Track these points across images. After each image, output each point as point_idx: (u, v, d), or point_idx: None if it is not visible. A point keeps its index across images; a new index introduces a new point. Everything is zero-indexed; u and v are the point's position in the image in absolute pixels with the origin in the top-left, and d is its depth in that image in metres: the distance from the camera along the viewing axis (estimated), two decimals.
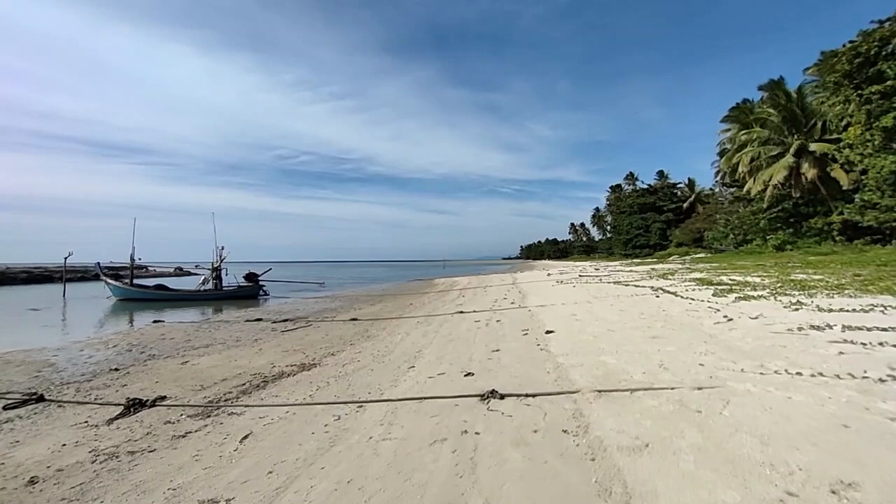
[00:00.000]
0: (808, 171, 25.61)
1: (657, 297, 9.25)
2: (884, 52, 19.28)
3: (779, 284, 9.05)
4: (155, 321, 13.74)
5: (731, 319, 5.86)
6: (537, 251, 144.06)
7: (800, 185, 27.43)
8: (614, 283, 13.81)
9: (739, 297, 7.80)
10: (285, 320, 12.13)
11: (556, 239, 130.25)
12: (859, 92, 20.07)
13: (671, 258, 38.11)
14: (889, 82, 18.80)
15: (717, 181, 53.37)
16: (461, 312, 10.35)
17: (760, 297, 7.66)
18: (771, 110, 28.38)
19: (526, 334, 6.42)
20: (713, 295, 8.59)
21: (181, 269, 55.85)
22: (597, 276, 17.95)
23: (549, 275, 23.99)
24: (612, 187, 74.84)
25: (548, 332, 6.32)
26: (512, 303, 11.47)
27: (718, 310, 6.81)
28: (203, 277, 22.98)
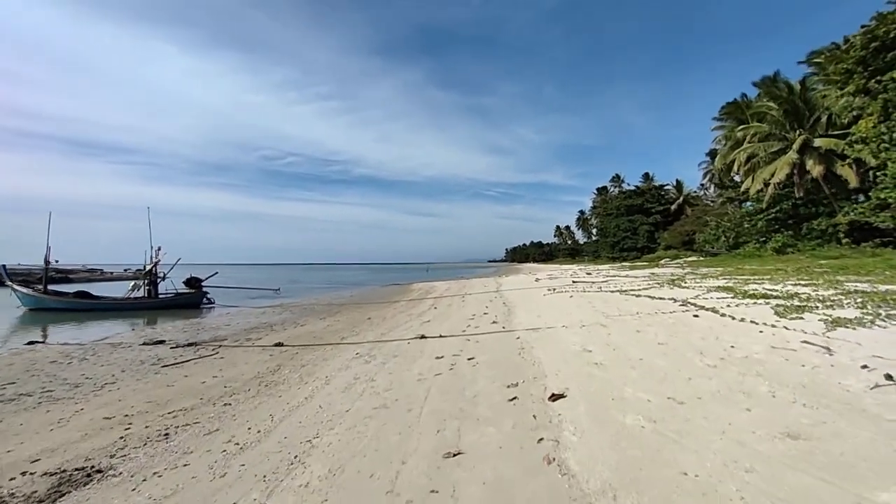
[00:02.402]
0: (814, 169, 23.66)
1: (695, 316, 6.58)
2: None
3: (859, 300, 6.48)
4: (30, 342, 10.53)
5: (891, 379, 3.17)
6: (522, 254, 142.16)
7: (802, 184, 25.55)
8: (619, 292, 11.16)
9: (830, 321, 5.17)
10: (191, 344, 9.03)
11: (541, 242, 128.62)
12: (878, 78, 18.09)
13: (662, 261, 36.03)
14: None
15: (702, 183, 52.07)
16: (423, 337, 7.45)
17: (864, 321, 5.05)
18: (771, 104, 26.42)
19: (514, 399, 3.59)
20: (776, 315, 5.98)
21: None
22: (593, 283, 15.31)
23: (537, 280, 21.28)
24: (598, 189, 73.42)
25: (553, 396, 3.50)
26: (494, 321, 8.64)
27: (828, 348, 4.14)
28: (133, 283, 19.57)
